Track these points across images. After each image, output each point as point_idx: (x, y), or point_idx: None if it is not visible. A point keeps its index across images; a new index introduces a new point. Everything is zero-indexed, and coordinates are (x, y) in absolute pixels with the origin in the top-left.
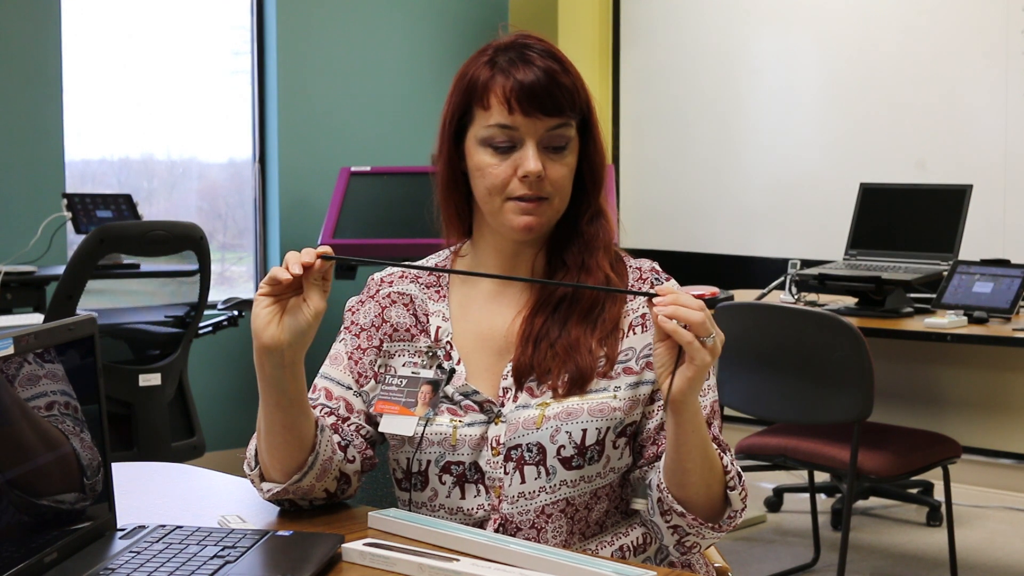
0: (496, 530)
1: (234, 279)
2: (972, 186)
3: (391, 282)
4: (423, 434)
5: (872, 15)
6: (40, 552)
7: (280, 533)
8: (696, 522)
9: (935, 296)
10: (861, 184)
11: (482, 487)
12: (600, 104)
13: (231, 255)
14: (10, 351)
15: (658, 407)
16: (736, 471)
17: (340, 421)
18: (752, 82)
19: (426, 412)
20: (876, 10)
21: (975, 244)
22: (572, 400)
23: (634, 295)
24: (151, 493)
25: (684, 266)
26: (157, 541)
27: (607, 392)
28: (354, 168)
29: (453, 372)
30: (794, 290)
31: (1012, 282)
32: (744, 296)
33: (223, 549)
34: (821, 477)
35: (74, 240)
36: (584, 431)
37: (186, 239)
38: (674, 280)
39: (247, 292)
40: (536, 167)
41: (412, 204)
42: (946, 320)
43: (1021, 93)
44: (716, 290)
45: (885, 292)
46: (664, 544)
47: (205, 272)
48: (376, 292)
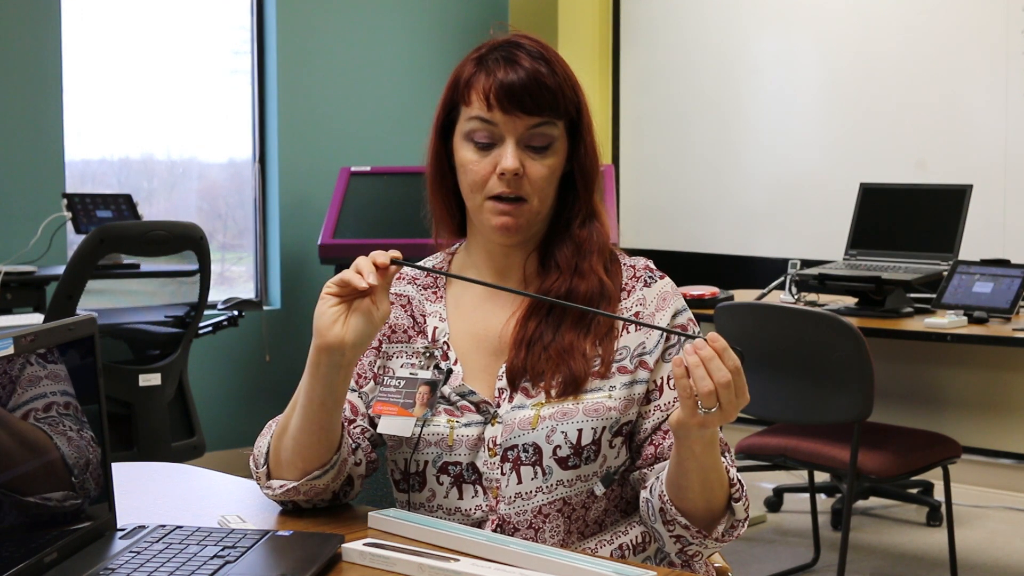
0: (494, 530)
1: (234, 279)
2: (972, 186)
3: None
4: (420, 434)
5: (872, 15)
6: (40, 552)
7: (280, 533)
8: (700, 534)
9: (935, 296)
10: (861, 184)
11: (479, 488)
12: (600, 104)
13: (231, 255)
14: (10, 351)
15: (654, 407)
16: (739, 480)
17: (347, 423)
18: (752, 82)
19: (424, 413)
20: (876, 10)
21: (975, 244)
22: (567, 401)
23: (673, 333)
24: (151, 493)
25: (684, 266)
26: (157, 541)
27: (602, 392)
28: (354, 168)
29: (450, 372)
30: (794, 290)
31: (1012, 282)
32: (744, 296)
33: (223, 549)
34: (821, 477)
35: (74, 240)
36: (580, 431)
37: (186, 239)
38: (668, 278)
39: (247, 292)
40: (512, 164)
41: (412, 204)
42: (946, 320)
43: (1021, 93)
44: (716, 290)
45: (885, 292)
46: (666, 551)
47: (205, 272)
48: None
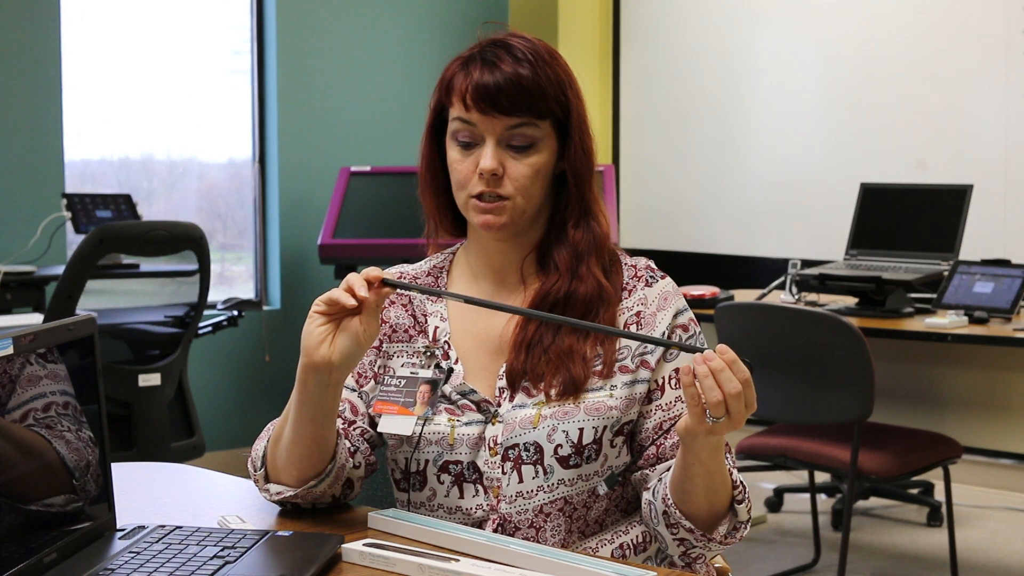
0: (495, 530)
1: (234, 279)
2: (972, 186)
3: None
4: (421, 433)
5: (872, 15)
6: (40, 552)
7: (280, 533)
8: (704, 537)
9: (936, 296)
10: (861, 184)
11: (480, 487)
12: (600, 104)
13: (231, 255)
14: (9, 351)
15: (656, 406)
16: (741, 482)
17: (347, 425)
18: (752, 82)
19: (425, 412)
20: (876, 10)
21: (975, 244)
22: (567, 402)
23: (676, 347)
24: (151, 493)
25: (684, 266)
26: (157, 541)
27: (603, 391)
28: (354, 168)
29: (451, 372)
30: (794, 290)
31: (1012, 282)
32: (744, 296)
33: (223, 549)
34: (821, 477)
35: (74, 240)
36: (581, 430)
37: (186, 239)
38: (670, 278)
39: (247, 292)
40: (490, 164)
41: (412, 204)
42: (946, 320)
43: (1021, 93)
44: (716, 290)
45: (886, 292)
46: (668, 553)
47: (205, 272)
48: None
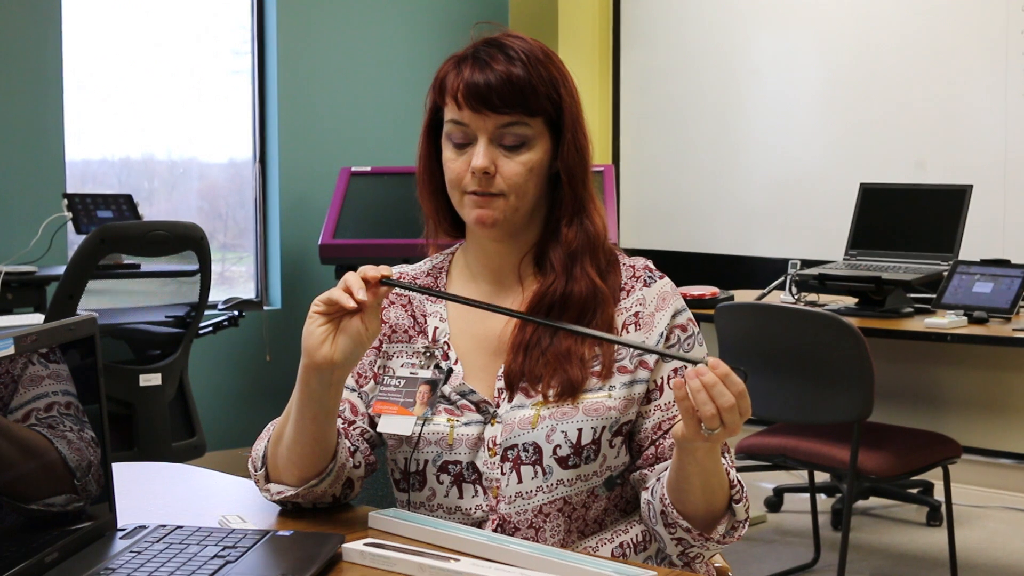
0: (494, 530)
1: (234, 279)
2: (972, 186)
3: None
4: (420, 434)
5: (872, 15)
6: (40, 552)
7: (280, 533)
8: (701, 536)
9: (935, 296)
10: (861, 184)
11: (479, 487)
12: (600, 104)
13: (231, 255)
14: (11, 351)
15: (654, 406)
16: (739, 481)
17: (347, 425)
18: (752, 82)
19: (424, 412)
20: (876, 10)
21: (975, 244)
22: (565, 403)
23: (671, 357)
24: (151, 493)
25: (684, 266)
26: (157, 541)
27: (602, 391)
28: (354, 168)
29: (451, 372)
30: (794, 290)
31: (1012, 282)
32: (744, 296)
33: (223, 549)
34: (821, 477)
35: (74, 240)
36: (580, 430)
37: (186, 239)
38: (668, 278)
39: (247, 292)
40: (481, 163)
41: (412, 204)
42: (946, 320)
43: (1021, 93)
44: (716, 290)
45: (885, 292)
46: (667, 553)
47: (205, 272)
48: None
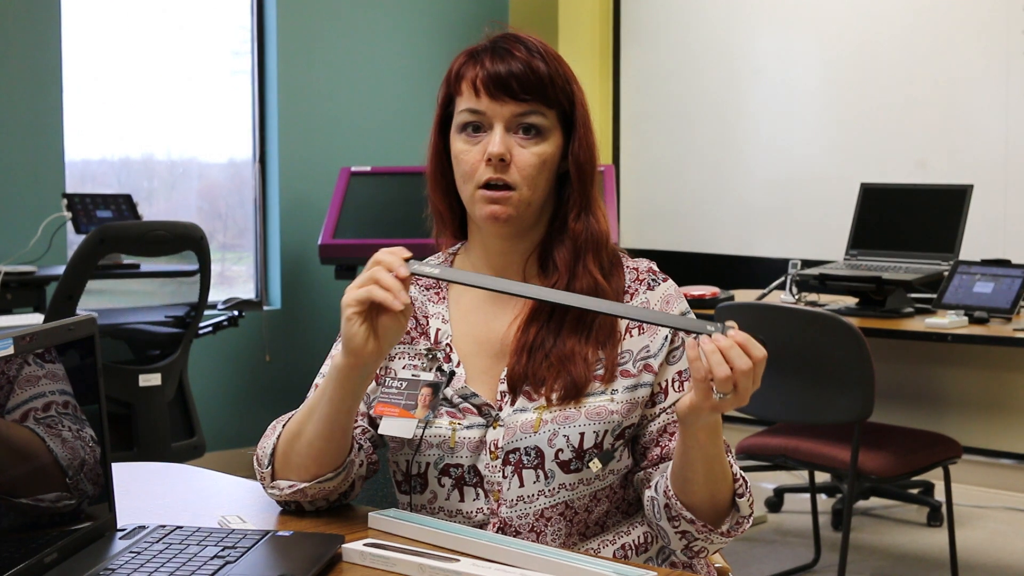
0: (495, 533)
1: (234, 279)
2: (972, 186)
3: None
4: (422, 436)
5: (872, 15)
6: (40, 552)
7: (280, 533)
8: (705, 528)
9: (936, 296)
10: (861, 184)
11: (481, 491)
12: (600, 104)
13: (231, 255)
14: (10, 351)
15: (660, 409)
16: (742, 476)
17: None
18: (752, 82)
19: (426, 414)
20: (876, 10)
21: (976, 244)
22: (568, 406)
23: (683, 329)
24: (151, 493)
25: (685, 266)
26: (157, 541)
27: (604, 395)
28: (354, 168)
29: (453, 374)
30: (795, 290)
31: (1013, 282)
32: (744, 296)
33: (223, 549)
34: (822, 477)
35: (74, 240)
36: (582, 434)
37: (186, 239)
38: (671, 280)
39: (247, 292)
40: (498, 149)
41: (412, 204)
42: (947, 320)
43: (1021, 93)
44: (716, 290)
45: (886, 292)
46: (671, 548)
47: (205, 272)
48: None
